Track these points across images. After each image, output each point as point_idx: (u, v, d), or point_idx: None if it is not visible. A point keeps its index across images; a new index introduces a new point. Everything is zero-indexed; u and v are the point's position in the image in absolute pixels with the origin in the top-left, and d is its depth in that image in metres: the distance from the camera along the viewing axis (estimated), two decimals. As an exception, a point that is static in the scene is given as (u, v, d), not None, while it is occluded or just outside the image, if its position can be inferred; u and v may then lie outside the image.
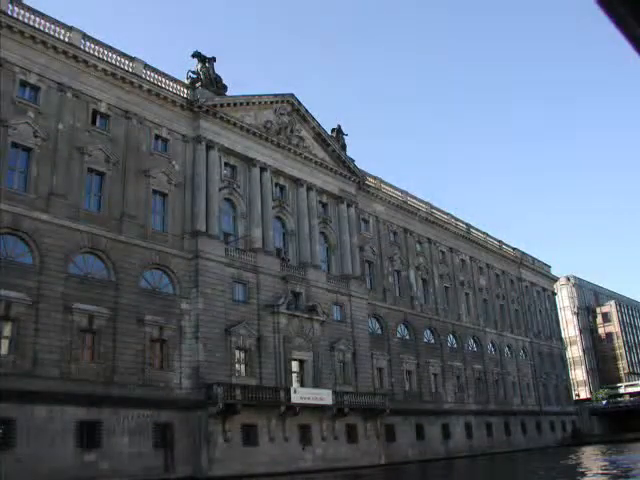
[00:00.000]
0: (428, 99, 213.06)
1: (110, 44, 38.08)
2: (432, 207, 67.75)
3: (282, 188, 48.87)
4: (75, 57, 35.63)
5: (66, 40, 35.33)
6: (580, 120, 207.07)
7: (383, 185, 60.83)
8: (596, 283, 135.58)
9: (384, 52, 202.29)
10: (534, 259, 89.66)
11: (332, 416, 41.91)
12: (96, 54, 36.98)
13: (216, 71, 45.27)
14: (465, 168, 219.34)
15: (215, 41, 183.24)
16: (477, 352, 67.59)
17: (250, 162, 45.47)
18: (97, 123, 36.82)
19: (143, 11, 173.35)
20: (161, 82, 40.65)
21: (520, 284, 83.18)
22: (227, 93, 45.23)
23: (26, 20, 33.57)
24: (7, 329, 29.24)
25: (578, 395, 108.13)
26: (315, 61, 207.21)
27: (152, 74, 40.18)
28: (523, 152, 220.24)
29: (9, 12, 32.70)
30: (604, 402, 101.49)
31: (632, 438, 77.23)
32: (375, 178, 59.99)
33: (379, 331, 54.64)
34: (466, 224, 73.35)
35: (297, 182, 49.46)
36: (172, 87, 41.37)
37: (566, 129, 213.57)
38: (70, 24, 35.88)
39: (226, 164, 44.30)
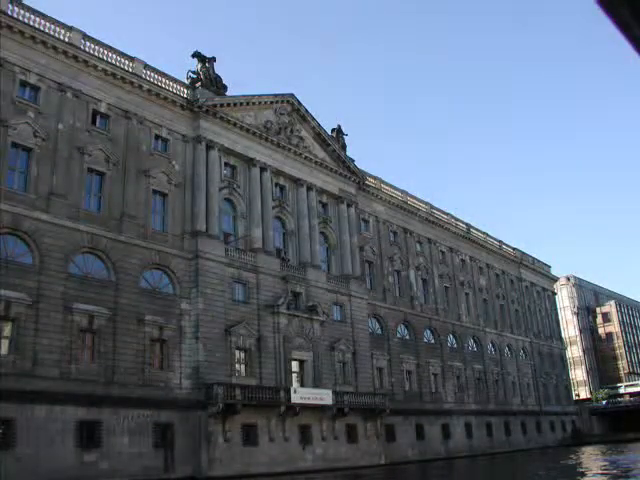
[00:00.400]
0: (428, 99, 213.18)
1: (110, 44, 38.14)
2: (432, 207, 67.75)
3: (282, 188, 48.86)
4: (75, 57, 35.63)
5: (66, 40, 35.33)
6: (580, 120, 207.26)
7: (383, 185, 60.85)
8: (596, 283, 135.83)
9: (384, 52, 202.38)
10: (534, 259, 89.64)
11: (332, 416, 41.90)
12: (96, 54, 36.98)
13: (216, 71, 45.29)
14: (465, 168, 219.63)
15: (215, 41, 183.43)
16: (477, 352, 67.58)
17: (250, 162, 45.47)
18: (97, 123, 36.83)
19: (143, 11, 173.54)
20: (161, 82, 40.65)
21: (520, 284, 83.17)
22: (227, 93, 45.24)
23: (26, 20, 33.57)
24: (7, 329, 29.23)
25: (578, 395, 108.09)
26: (315, 61, 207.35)
27: (152, 74, 40.18)
28: (523, 152, 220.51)
29: (9, 12, 32.70)
30: (604, 402, 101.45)
31: (632, 438, 77.26)
32: (375, 178, 60.00)
33: (379, 331, 54.64)
34: (466, 224, 73.34)
35: (297, 182, 49.46)
36: (172, 87, 41.37)
37: (566, 129, 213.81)
38: (70, 24, 35.90)
39: (226, 164, 44.29)
